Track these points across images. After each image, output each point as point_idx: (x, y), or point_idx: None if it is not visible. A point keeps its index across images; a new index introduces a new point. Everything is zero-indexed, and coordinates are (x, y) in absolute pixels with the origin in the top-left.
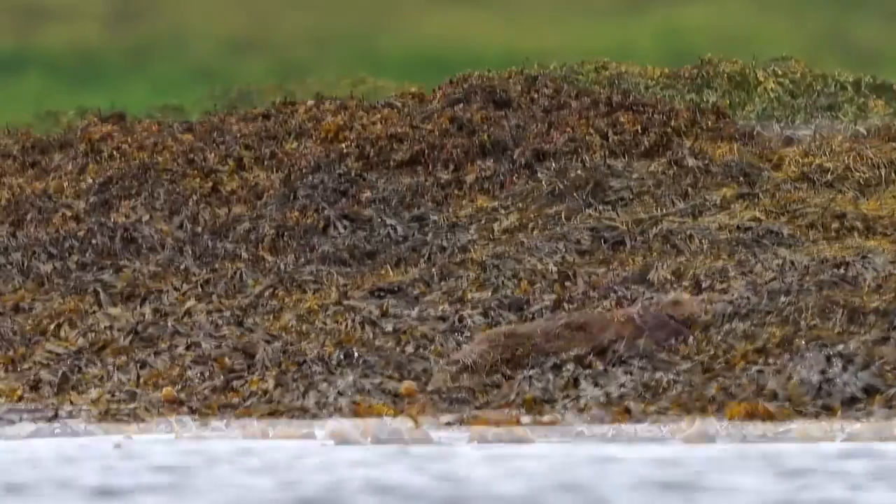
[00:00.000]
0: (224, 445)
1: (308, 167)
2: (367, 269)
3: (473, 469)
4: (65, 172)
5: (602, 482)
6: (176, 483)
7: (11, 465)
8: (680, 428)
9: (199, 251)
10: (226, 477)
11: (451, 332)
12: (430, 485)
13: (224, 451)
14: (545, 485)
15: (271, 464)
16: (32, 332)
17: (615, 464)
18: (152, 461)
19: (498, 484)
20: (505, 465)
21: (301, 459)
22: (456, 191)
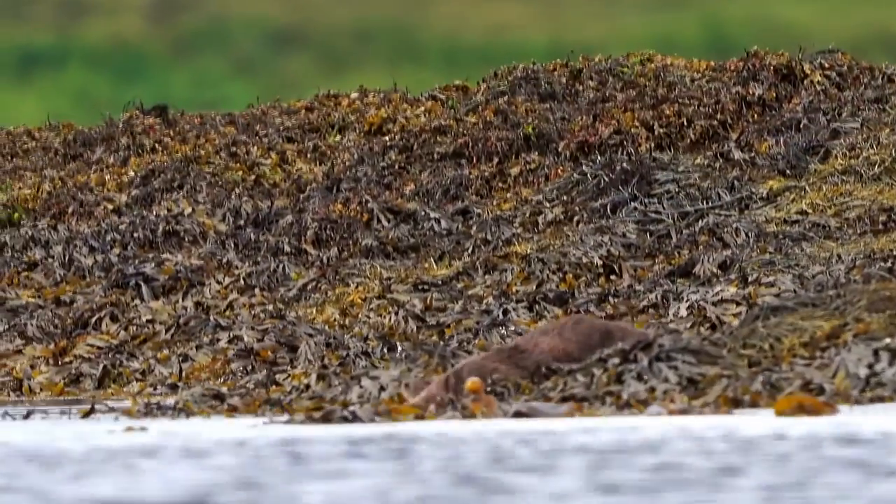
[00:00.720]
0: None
1: (351, 160)
2: (411, 262)
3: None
4: (106, 165)
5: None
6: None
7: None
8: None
9: (242, 244)
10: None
11: (496, 325)
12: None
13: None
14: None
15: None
16: (73, 326)
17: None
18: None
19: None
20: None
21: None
22: (500, 183)
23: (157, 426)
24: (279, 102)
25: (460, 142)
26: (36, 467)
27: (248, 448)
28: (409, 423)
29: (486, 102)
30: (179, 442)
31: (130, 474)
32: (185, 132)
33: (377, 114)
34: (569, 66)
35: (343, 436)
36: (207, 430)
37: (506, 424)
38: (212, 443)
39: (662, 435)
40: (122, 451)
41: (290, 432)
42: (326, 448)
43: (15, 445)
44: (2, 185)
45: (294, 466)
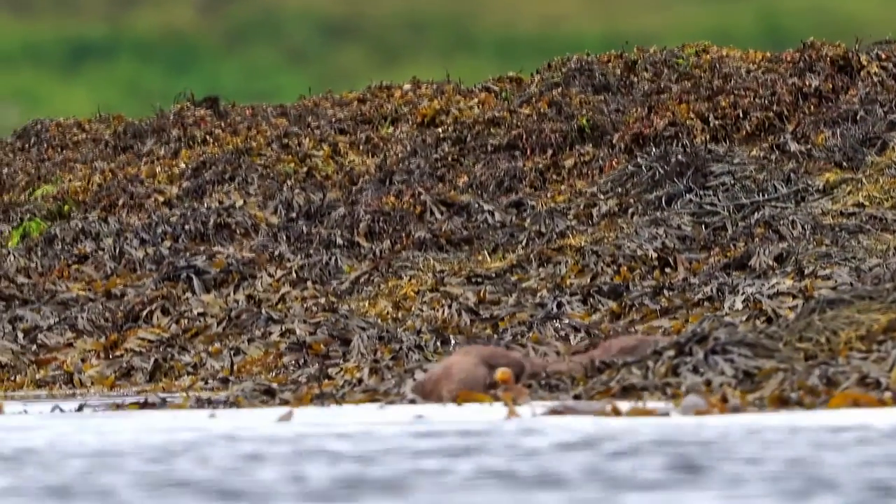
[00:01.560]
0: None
1: (404, 152)
2: (464, 254)
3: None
4: (157, 157)
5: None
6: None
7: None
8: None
9: (294, 237)
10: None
11: (550, 319)
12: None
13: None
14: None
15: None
16: (124, 319)
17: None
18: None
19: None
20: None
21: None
22: (554, 175)
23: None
24: (331, 94)
25: (514, 134)
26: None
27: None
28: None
29: (540, 94)
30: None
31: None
32: (237, 124)
33: (430, 105)
34: (623, 58)
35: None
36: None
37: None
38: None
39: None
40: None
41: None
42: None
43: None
44: (52, 178)
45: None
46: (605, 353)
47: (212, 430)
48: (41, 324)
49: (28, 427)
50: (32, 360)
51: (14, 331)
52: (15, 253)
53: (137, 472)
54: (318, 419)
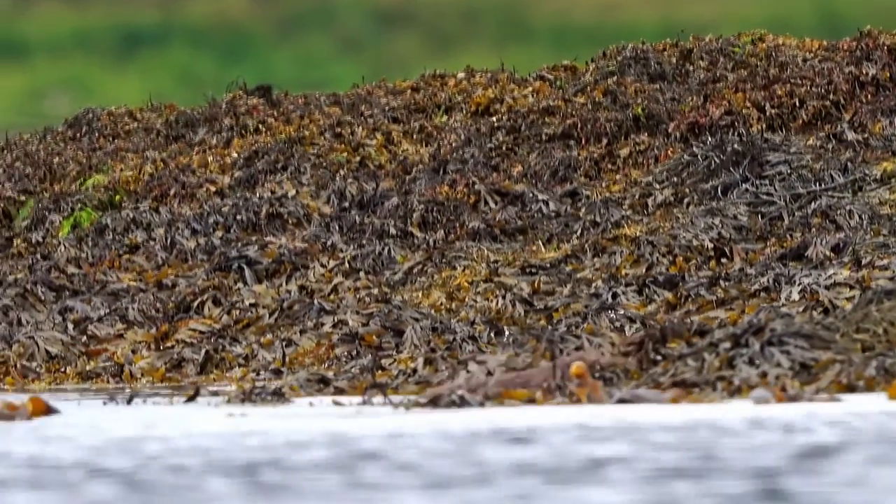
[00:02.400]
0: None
1: (458, 141)
2: (519, 245)
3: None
4: (209, 147)
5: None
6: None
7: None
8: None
9: (346, 227)
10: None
11: (605, 309)
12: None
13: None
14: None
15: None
16: (175, 310)
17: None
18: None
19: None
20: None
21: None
22: (609, 165)
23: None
24: (385, 82)
25: (569, 123)
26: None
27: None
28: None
29: (595, 83)
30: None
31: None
32: (290, 113)
33: (484, 94)
34: (679, 46)
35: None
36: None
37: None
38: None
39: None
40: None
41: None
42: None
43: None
44: (103, 167)
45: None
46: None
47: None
48: (91, 315)
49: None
50: (82, 352)
51: (64, 322)
52: (66, 243)
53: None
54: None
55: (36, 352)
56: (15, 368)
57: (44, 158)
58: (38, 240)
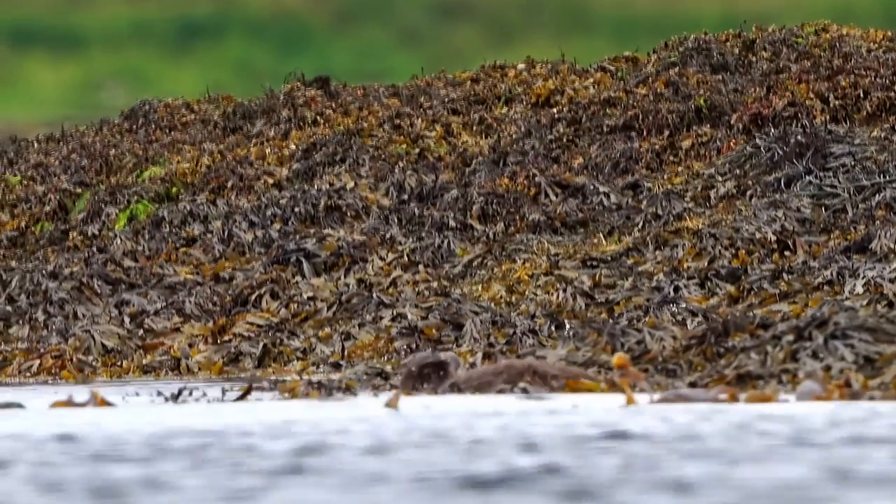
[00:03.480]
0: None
1: (518, 132)
2: (579, 237)
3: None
4: (267, 139)
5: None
6: None
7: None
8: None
9: (406, 219)
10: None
11: (666, 303)
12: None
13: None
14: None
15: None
16: (233, 303)
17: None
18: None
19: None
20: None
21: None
22: (671, 157)
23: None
24: (444, 74)
25: (630, 114)
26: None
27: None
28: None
29: (657, 74)
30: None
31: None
32: (348, 104)
33: (545, 85)
34: (742, 37)
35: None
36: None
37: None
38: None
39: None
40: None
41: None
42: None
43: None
44: (160, 159)
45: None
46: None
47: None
48: (148, 308)
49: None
50: (139, 346)
51: (120, 315)
52: (122, 236)
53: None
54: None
55: (92, 345)
56: (71, 362)
57: (100, 150)
58: (94, 232)
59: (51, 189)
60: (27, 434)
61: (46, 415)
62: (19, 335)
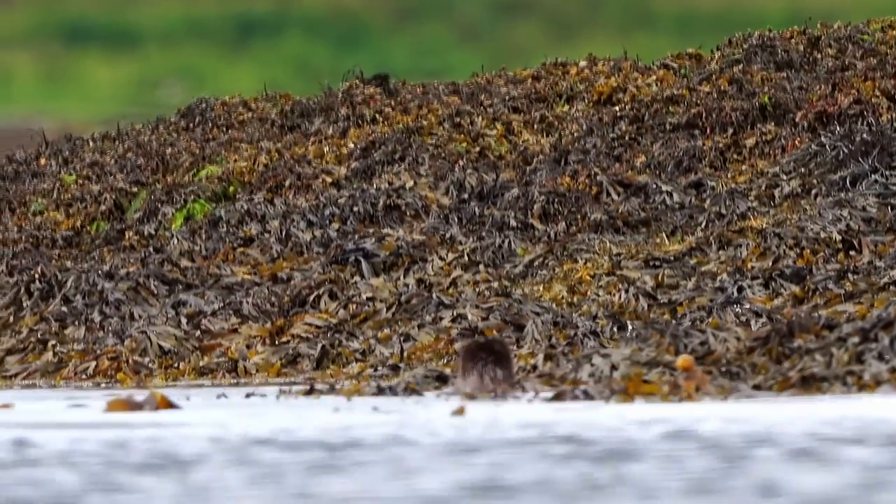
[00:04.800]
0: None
1: (579, 131)
2: (642, 237)
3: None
4: (325, 137)
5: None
6: None
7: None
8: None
9: (466, 219)
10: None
11: (730, 304)
12: None
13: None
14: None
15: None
16: (291, 304)
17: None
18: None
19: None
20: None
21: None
22: (735, 155)
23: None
24: (505, 71)
25: (693, 112)
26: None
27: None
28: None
29: (721, 71)
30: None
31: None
32: (407, 102)
33: (607, 83)
34: (806, 34)
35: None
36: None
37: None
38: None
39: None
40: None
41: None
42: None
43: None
44: (217, 158)
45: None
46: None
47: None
48: (205, 309)
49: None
50: (196, 347)
51: (177, 316)
52: (178, 236)
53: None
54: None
55: (148, 347)
56: (127, 364)
57: (156, 149)
58: (150, 232)
59: (106, 188)
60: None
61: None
62: (75, 336)
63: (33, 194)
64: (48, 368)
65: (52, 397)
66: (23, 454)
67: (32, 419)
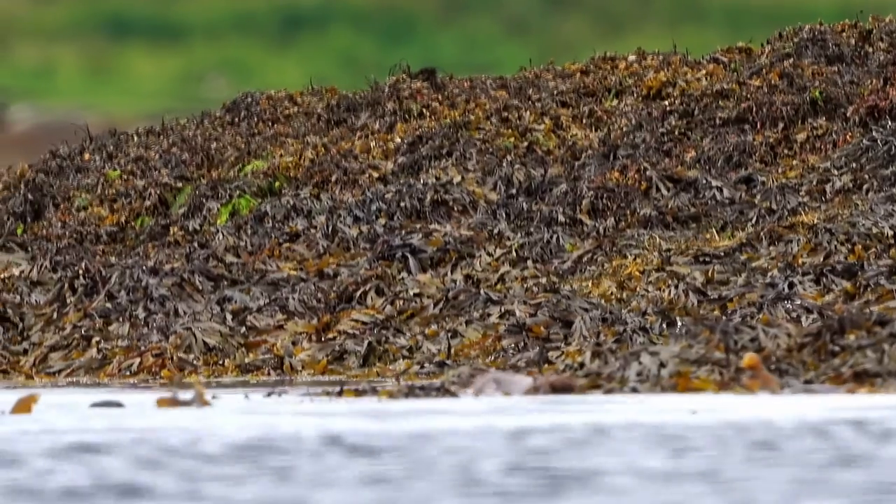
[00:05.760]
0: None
1: (628, 125)
2: (691, 232)
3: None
4: (371, 132)
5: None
6: None
7: None
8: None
9: (514, 214)
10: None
11: (781, 300)
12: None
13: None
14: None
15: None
16: (337, 300)
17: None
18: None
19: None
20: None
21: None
22: (785, 150)
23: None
24: (553, 65)
25: (743, 106)
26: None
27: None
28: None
29: (771, 65)
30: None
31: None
32: (455, 97)
33: (656, 77)
34: (858, 27)
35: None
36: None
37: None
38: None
39: None
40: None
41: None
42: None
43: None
44: (262, 153)
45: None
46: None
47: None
48: (250, 305)
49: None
50: (241, 343)
51: (222, 312)
52: (223, 231)
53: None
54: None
55: (193, 343)
56: (171, 361)
57: (201, 144)
58: (195, 228)
59: (151, 183)
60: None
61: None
62: (119, 333)
63: (77, 189)
64: (92, 365)
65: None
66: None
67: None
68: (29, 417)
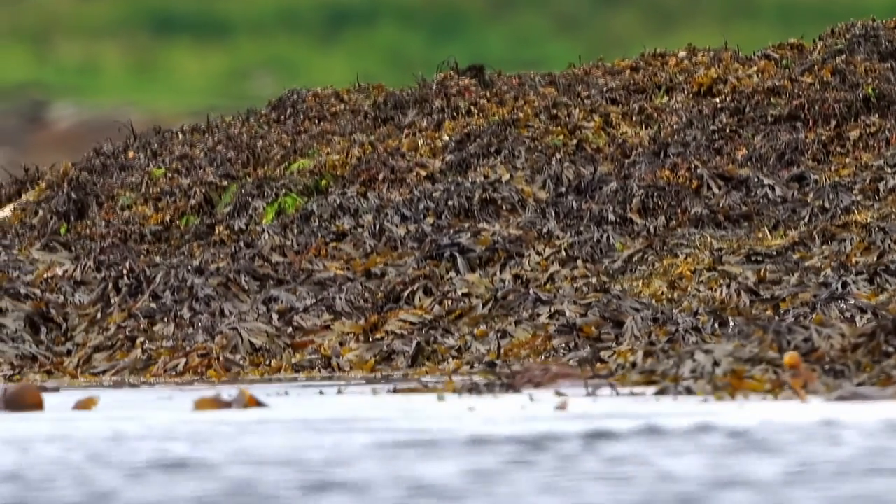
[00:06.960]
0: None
1: (679, 123)
2: (743, 231)
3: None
4: (419, 129)
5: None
6: None
7: None
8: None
9: (563, 213)
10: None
11: (834, 299)
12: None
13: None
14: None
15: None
16: (385, 300)
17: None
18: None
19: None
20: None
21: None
22: (838, 148)
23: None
24: (602, 62)
25: (795, 103)
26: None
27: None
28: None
29: (823, 62)
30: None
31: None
32: (503, 94)
33: (707, 74)
34: None
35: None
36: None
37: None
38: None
39: None
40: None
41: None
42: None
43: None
44: (309, 150)
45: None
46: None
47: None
48: (297, 305)
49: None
50: (288, 344)
51: (269, 312)
52: (270, 230)
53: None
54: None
55: (239, 344)
56: (218, 361)
57: (247, 142)
58: (241, 227)
59: (196, 182)
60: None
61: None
62: (164, 333)
63: (121, 188)
64: (137, 365)
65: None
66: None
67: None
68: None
